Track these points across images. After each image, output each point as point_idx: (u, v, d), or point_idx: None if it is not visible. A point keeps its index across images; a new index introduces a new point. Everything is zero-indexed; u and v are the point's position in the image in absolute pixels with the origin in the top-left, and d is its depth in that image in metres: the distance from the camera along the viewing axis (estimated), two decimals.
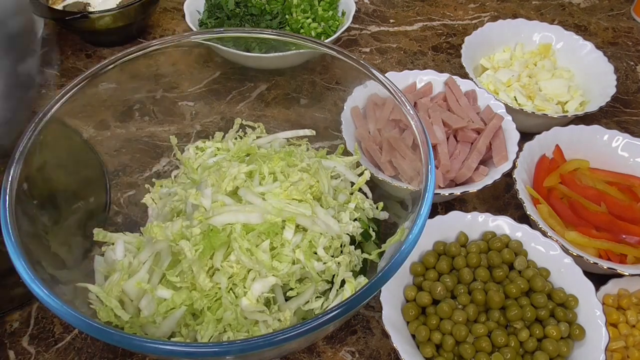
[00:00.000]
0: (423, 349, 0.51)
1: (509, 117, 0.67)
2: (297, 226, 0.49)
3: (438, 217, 0.59)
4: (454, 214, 0.59)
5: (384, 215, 0.57)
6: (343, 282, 0.50)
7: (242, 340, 0.35)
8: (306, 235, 0.49)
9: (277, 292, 0.49)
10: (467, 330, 0.51)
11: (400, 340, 0.49)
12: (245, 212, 0.48)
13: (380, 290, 0.52)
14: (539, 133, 0.66)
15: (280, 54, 0.67)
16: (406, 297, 0.55)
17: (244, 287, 0.46)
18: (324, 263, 0.49)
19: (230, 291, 0.46)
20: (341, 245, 0.52)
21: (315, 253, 0.50)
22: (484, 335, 0.51)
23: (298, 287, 0.48)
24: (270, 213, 0.48)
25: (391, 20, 0.99)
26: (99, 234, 0.52)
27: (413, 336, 0.52)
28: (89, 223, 0.53)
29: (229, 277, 0.46)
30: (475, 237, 0.59)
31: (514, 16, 0.90)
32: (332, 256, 0.50)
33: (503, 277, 0.55)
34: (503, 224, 0.59)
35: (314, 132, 0.64)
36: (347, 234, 0.52)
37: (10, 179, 0.43)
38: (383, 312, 0.51)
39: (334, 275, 0.50)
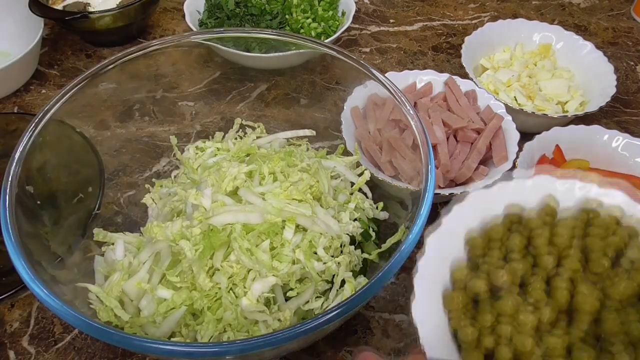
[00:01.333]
0: (467, 356, 0.34)
1: (509, 117, 0.67)
2: (297, 226, 0.49)
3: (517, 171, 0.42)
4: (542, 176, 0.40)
5: (384, 215, 0.57)
6: (343, 282, 0.50)
7: (242, 340, 0.35)
8: (306, 235, 0.49)
9: (277, 292, 0.49)
10: (534, 341, 0.34)
11: (433, 339, 0.34)
12: (245, 212, 0.48)
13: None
14: (539, 133, 0.66)
15: (280, 54, 0.67)
16: (454, 279, 0.38)
17: (244, 287, 0.46)
18: (324, 263, 0.49)
19: (230, 291, 0.46)
20: (341, 245, 0.52)
21: (315, 253, 0.50)
22: (561, 351, 0.34)
23: (298, 287, 0.48)
24: (270, 213, 0.48)
25: (391, 20, 0.99)
26: (99, 234, 0.52)
27: (455, 335, 0.36)
28: (85, 221, 0.53)
29: (229, 277, 0.46)
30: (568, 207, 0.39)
31: (514, 16, 0.90)
32: (332, 256, 0.50)
33: (606, 271, 0.37)
34: (614, 196, 0.39)
35: (314, 132, 0.64)
36: (347, 234, 0.52)
37: (10, 179, 0.43)
38: (415, 298, 0.36)
39: (334, 275, 0.50)
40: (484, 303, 0.37)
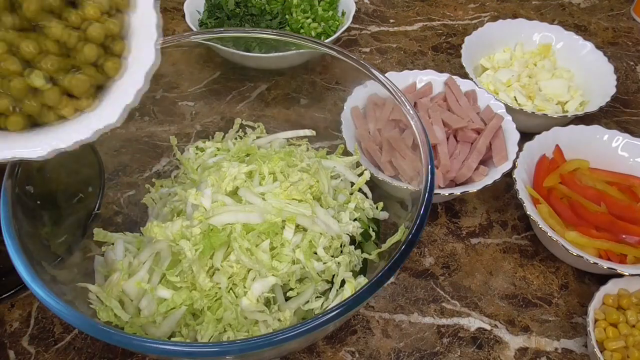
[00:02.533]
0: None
1: (509, 117, 0.67)
2: (297, 226, 0.49)
3: None
4: None
5: (384, 215, 0.57)
6: (343, 282, 0.50)
7: (242, 340, 0.35)
8: (306, 235, 0.49)
9: (277, 292, 0.49)
10: None
11: None
12: (245, 212, 0.48)
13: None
14: (539, 133, 0.66)
15: (280, 54, 0.67)
16: None
17: (244, 287, 0.46)
18: (324, 263, 0.49)
19: (230, 291, 0.46)
20: (341, 245, 0.52)
21: (315, 253, 0.50)
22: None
23: (298, 287, 0.48)
24: (270, 213, 0.48)
25: (391, 20, 0.99)
26: (99, 233, 0.52)
27: None
28: (85, 221, 0.53)
29: (229, 277, 0.46)
30: None
31: (514, 16, 0.90)
32: (332, 256, 0.51)
33: None
34: None
35: (314, 133, 0.64)
36: (347, 234, 0.52)
37: (10, 179, 0.43)
38: None
39: (333, 275, 0.50)
40: None
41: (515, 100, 0.75)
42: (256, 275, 0.47)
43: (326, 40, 0.81)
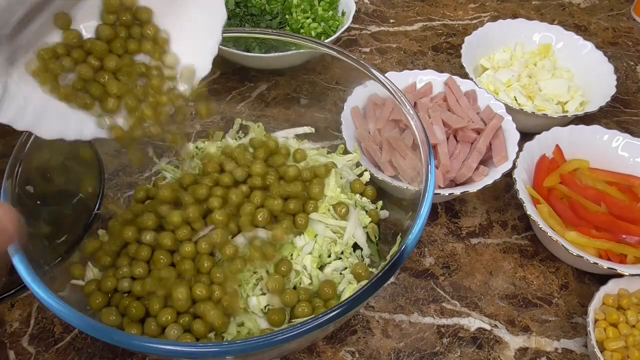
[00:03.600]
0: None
1: (509, 117, 0.67)
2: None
3: None
4: None
5: (383, 214, 0.57)
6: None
7: (242, 340, 0.35)
8: (317, 241, 0.50)
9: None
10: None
11: None
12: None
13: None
14: (539, 133, 0.66)
15: (280, 54, 0.67)
16: None
17: (252, 292, 0.47)
18: (334, 269, 0.50)
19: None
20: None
21: (320, 256, 0.50)
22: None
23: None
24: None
25: (391, 20, 0.99)
26: (104, 236, 0.52)
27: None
28: (85, 221, 0.53)
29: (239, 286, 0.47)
30: None
31: (514, 16, 0.90)
32: (339, 258, 0.51)
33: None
34: None
35: (312, 130, 0.64)
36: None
37: (10, 179, 0.43)
38: None
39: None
40: None
41: (515, 100, 0.75)
42: (263, 287, 0.47)
43: (326, 40, 0.81)
